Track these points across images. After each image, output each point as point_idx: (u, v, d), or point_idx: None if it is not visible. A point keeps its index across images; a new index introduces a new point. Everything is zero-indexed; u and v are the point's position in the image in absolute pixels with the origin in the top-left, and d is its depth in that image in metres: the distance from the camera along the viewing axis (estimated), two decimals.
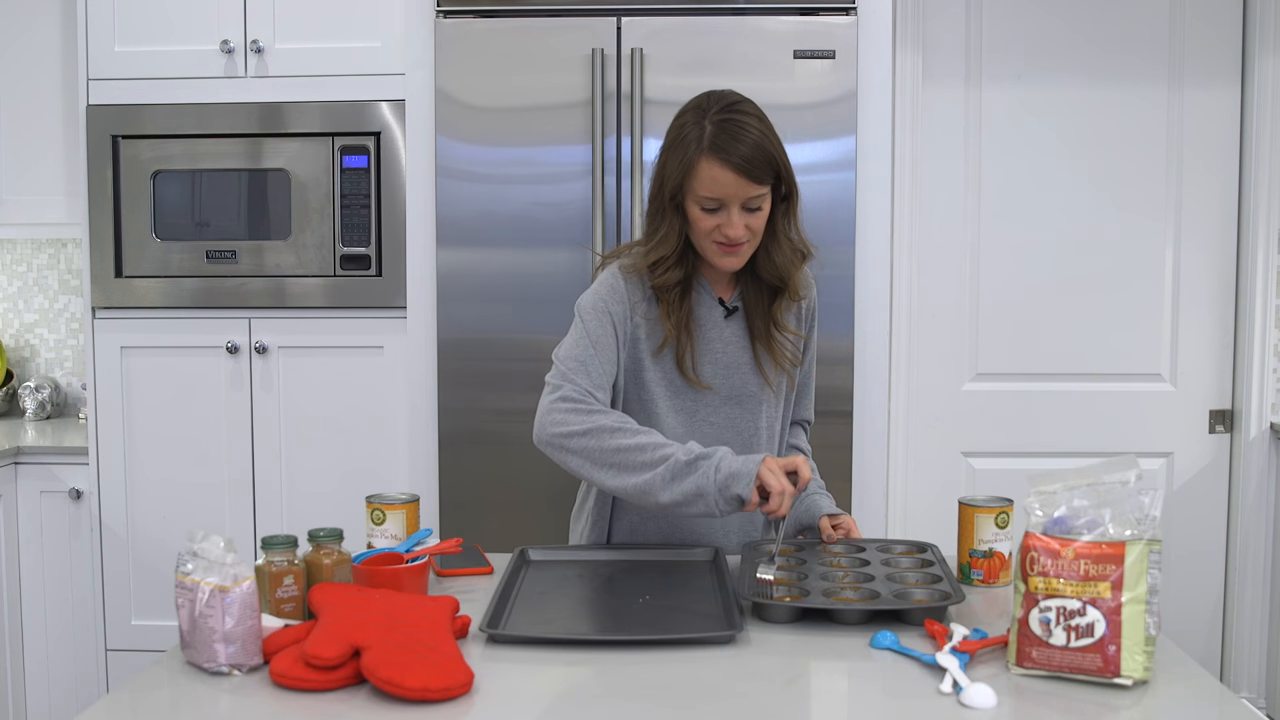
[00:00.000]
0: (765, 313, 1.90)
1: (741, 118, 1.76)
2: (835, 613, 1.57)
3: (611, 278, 1.88)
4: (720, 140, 1.73)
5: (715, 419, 1.91)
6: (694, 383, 1.88)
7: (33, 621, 3.07)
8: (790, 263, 1.87)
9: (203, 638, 1.39)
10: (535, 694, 1.35)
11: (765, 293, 1.90)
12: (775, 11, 2.76)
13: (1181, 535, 3.32)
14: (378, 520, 1.85)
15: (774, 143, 1.77)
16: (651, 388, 1.88)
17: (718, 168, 1.73)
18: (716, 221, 1.77)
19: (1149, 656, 1.34)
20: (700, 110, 1.78)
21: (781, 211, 1.84)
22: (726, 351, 1.90)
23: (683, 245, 1.83)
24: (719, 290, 1.91)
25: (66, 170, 3.20)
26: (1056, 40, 3.27)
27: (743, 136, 1.73)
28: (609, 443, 1.73)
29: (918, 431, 3.36)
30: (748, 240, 1.80)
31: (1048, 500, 1.41)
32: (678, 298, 1.85)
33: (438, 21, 2.80)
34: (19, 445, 3.04)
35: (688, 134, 1.76)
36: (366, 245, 2.93)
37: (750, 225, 1.78)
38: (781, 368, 1.93)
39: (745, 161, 1.73)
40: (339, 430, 2.99)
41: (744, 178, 1.73)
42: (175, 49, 2.95)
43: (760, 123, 1.77)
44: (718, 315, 1.90)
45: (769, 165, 1.75)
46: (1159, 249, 3.30)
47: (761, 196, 1.77)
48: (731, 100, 1.79)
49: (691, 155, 1.75)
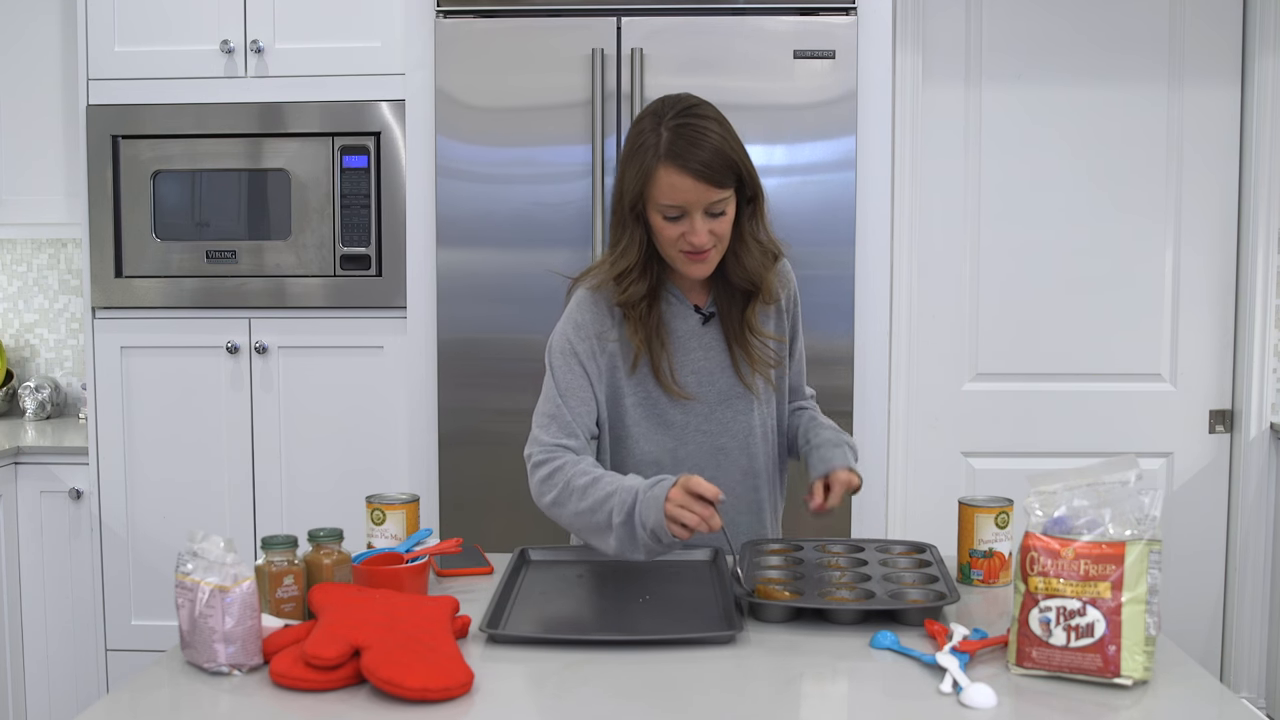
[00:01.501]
0: (740, 317, 1.86)
1: (699, 122, 1.71)
2: (832, 613, 1.57)
3: (576, 311, 1.86)
4: (677, 146, 1.69)
5: (707, 427, 1.89)
6: (676, 394, 1.85)
7: (33, 621, 3.07)
8: (761, 265, 1.82)
9: (203, 638, 1.39)
10: (535, 694, 1.35)
11: (738, 296, 1.86)
12: (775, 11, 2.76)
13: (1181, 535, 3.32)
14: (378, 520, 1.85)
15: (733, 145, 1.72)
16: (636, 409, 1.86)
17: (676, 175, 1.69)
18: (680, 229, 1.73)
19: (1149, 656, 1.34)
20: (656, 116, 1.73)
21: (748, 214, 1.80)
22: (708, 358, 1.88)
23: (646, 256, 1.79)
24: (693, 297, 1.88)
25: (66, 170, 3.20)
26: (1056, 40, 3.27)
27: (700, 141, 1.69)
28: (570, 509, 1.74)
29: (918, 431, 3.36)
30: (714, 246, 1.76)
31: (1048, 500, 1.41)
32: (645, 310, 1.82)
33: (438, 21, 2.80)
34: (19, 445, 3.05)
35: (645, 141, 1.72)
36: (366, 245, 2.93)
37: (715, 230, 1.74)
38: (760, 370, 1.89)
39: (704, 166, 1.68)
40: (339, 430, 2.99)
41: (704, 183, 1.69)
42: (175, 49, 2.95)
43: (719, 125, 1.72)
44: (694, 323, 1.87)
45: (729, 169, 1.71)
46: (1159, 249, 3.30)
47: (724, 201, 1.73)
48: (688, 104, 1.74)
49: (649, 163, 1.71)
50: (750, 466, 1.92)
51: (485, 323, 2.82)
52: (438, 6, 2.80)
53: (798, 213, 2.75)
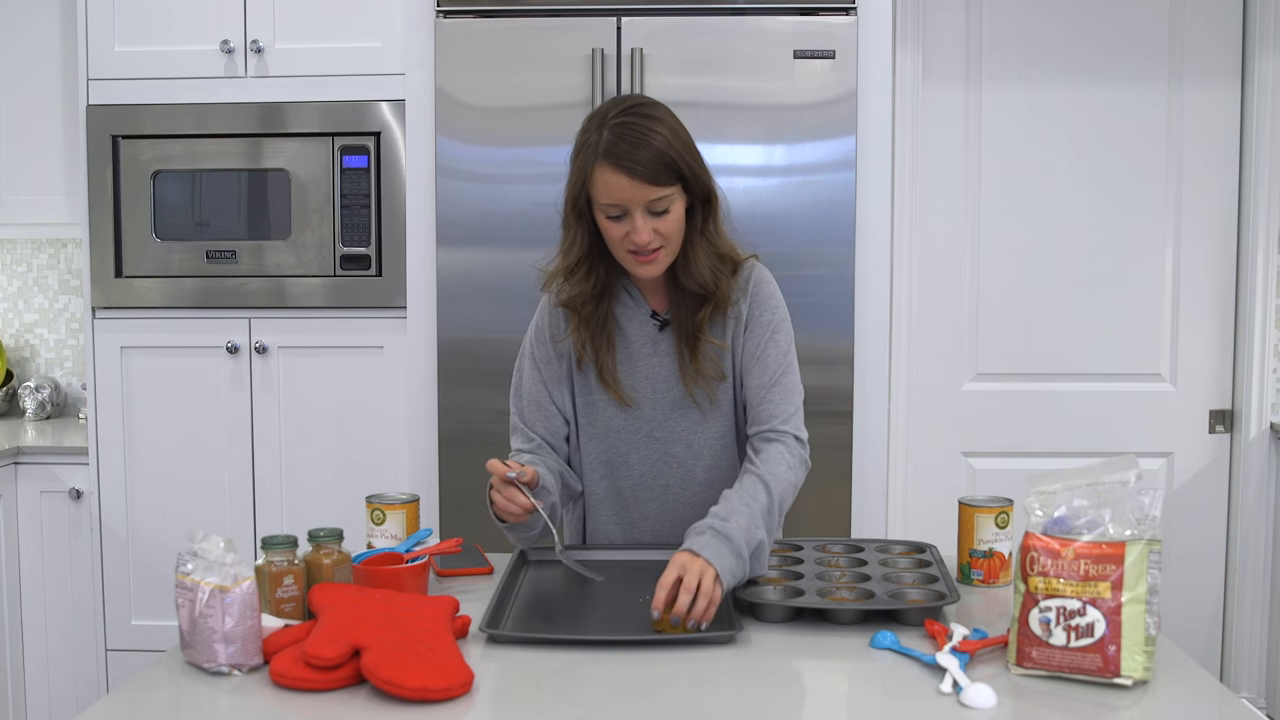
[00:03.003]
0: (691, 323, 1.82)
1: (638, 120, 1.70)
2: (831, 613, 1.57)
3: (538, 315, 1.93)
4: (614, 145, 1.68)
5: (660, 434, 1.88)
6: (619, 398, 1.85)
7: (33, 621, 3.07)
8: (712, 270, 1.79)
9: (203, 638, 1.39)
10: (535, 694, 1.35)
11: (694, 302, 1.82)
12: (775, 11, 2.76)
13: (1181, 535, 3.32)
14: (378, 520, 1.85)
15: (675, 144, 1.70)
16: (587, 408, 1.90)
17: (610, 173, 1.68)
18: (624, 229, 1.72)
19: (1149, 656, 1.34)
20: (600, 117, 1.73)
21: (702, 216, 1.78)
22: (660, 365, 1.86)
23: (590, 255, 1.79)
24: (654, 303, 1.87)
25: (66, 170, 3.20)
26: (1056, 40, 3.27)
27: (637, 140, 1.68)
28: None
29: (918, 431, 3.36)
30: (660, 246, 1.74)
31: (1048, 500, 1.41)
32: (590, 310, 1.83)
33: (438, 21, 2.80)
34: (19, 445, 3.05)
35: (588, 139, 1.72)
36: (366, 245, 2.93)
37: (660, 229, 1.71)
38: (703, 382, 1.84)
39: (638, 164, 1.67)
40: (339, 430, 2.99)
41: (639, 180, 1.68)
42: (175, 49, 2.95)
43: (660, 124, 1.71)
44: (650, 329, 1.86)
45: (666, 167, 1.69)
46: (1159, 249, 3.30)
47: (665, 199, 1.70)
48: (632, 104, 1.74)
49: (588, 162, 1.71)
50: (709, 478, 1.89)
51: (485, 323, 2.82)
52: (438, 6, 2.80)
53: (798, 213, 2.75)
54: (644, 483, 1.91)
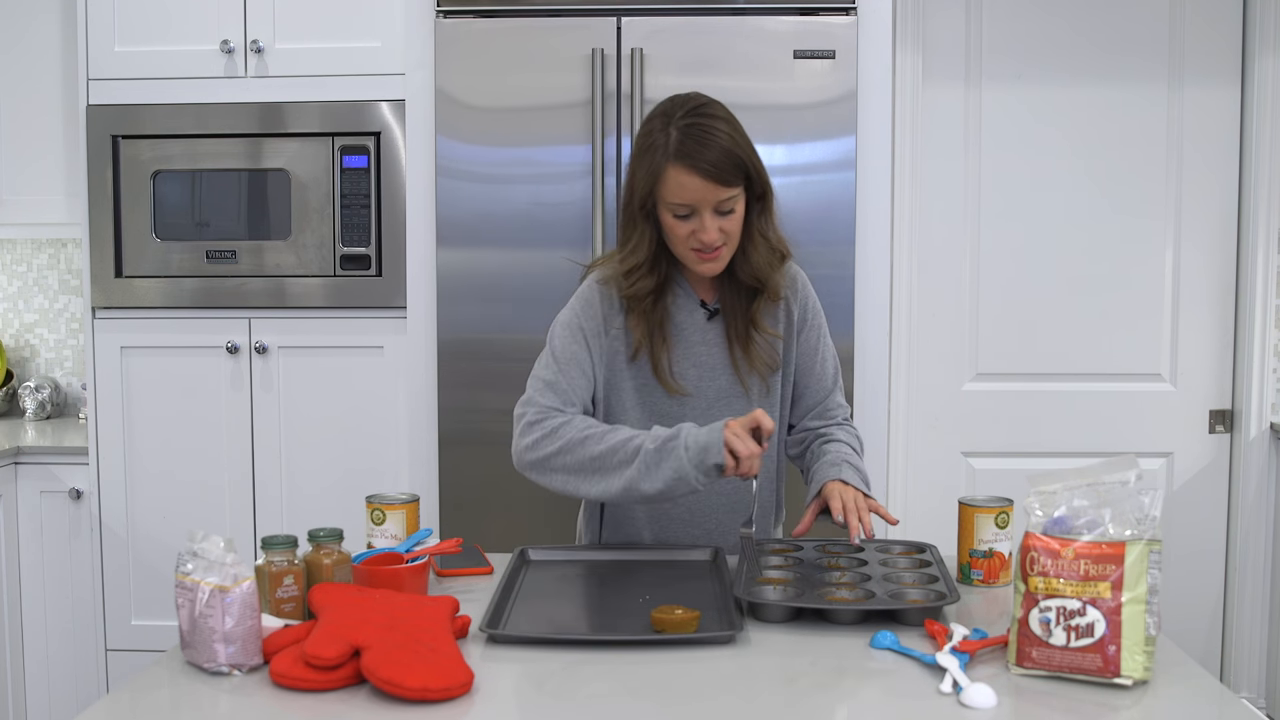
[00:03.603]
0: (744, 314, 1.88)
1: (707, 121, 1.74)
2: (832, 613, 1.57)
3: (587, 291, 1.89)
4: (686, 146, 1.72)
5: (702, 422, 1.88)
6: (672, 389, 1.87)
7: (33, 621, 3.07)
8: (768, 263, 1.84)
9: (203, 638, 1.39)
10: (535, 694, 1.35)
11: (744, 294, 1.88)
12: (775, 11, 2.76)
13: (1181, 535, 3.32)
14: (378, 520, 1.85)
15: (742, 144, 1.75)
16: (630, 397, 1.88)
17: (684, 174, 1.72)
18: (690, 228, 1.76)
19: (1149, 656, 1.34)
20: (666, 116, 1.76)
21: (757, 211, 1.82)
22: (709, 354, 1.89)
23: (655, 253, 1.82)
24: (701, 292, 1.90)
25: (66, 170, 3.20)
26: (1056, 40, 3.27)
27: (709, 141, 1.72)
28: (582, 454, 1.75)
29: (918, 431, 3.36)
30: (724, 244, 1.78)
31: (1048, 500, 1.41)
32: (650, 304, 1.85)
33: (438, 21, 2.80)
34: (19, 445, 3.05)
35: (655, 141, 1.75)
36: (366, 245, 2.93)
37: (725, 228, 1.76)
38: (759, 370, 1.90)
39: (712, 166, 1.71)
40: (339, 430, 2.99)
41: (712, 182, 1.72)
42: (175, 49, 2.95)
43: (728, 125, 1.75)
44: (700, 318, 1.89)
45: (737, 168, 1.73)
46: (1159, 249, 3.30)
47: (733, 199, 1.75)
48: (697, 104, 1.77)
49: (659, 162, 1.73)
50: None
51: (485, 323, 2.82)
52: (438, 6, 2.80)
53: (798, 213, 2.74)
54: None
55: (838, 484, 1.81)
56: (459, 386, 2.84)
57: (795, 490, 2.04)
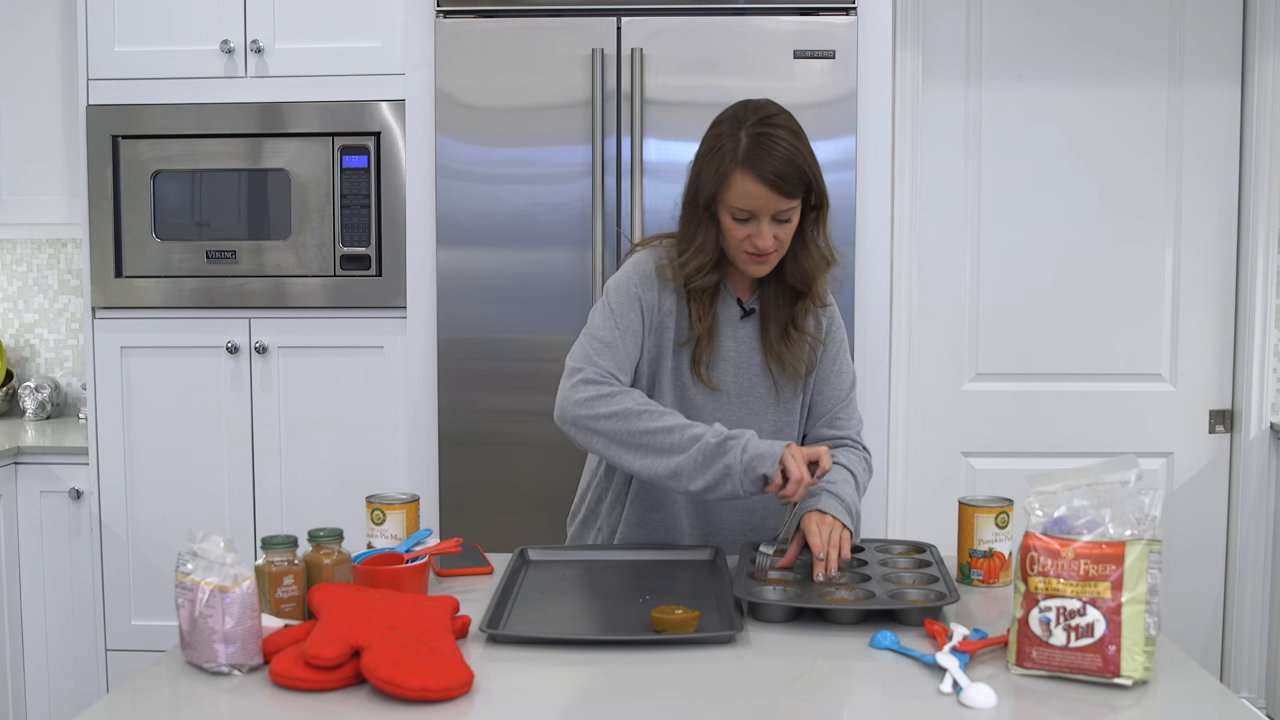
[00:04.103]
0: (783, 316, 1.91)
1: (776, 131, 1.77)
2: (832, 613, 1.57)
3: (644, 263, 1.90)
4: (754, 154, 1.75)
5: (721, 416, 1.91)
6: (705, 383, 1.90)
7: (33, 621, 3.07)
8: (817, 269, 1.88)
9: (203, 638, 1.39)
10: (535, 694, 1.35)
11: (786, 296, 1.91)
12: (775, 11, 2.76)
13: (1181, 535, 3.32)
14: (378, 520, 1.85)
15: (807, 157, 1.79)
16: (664, 380, 1.90)
17: (751, 181, 1.75)
18: (747, 231, 1.79)
19: (1149, 656, 1.34)
20: (736, 121, 1.80)
21: (811, 220, 1.86)
22: (739, 351, 1.92)
23: (719, 252, 1.85)
24: (739, 290, 1.93)
25: (66, 170, 3.20)
26: (1056, 40, 3.27)
27: (776, 151, 1.75)
28: (636, 425, 1.75)
29: (918, 431, 3.36)
30: (776, 250, 1.82)
31: (1048, 500, 1.41)
32: (709, 301, 1.88)
33: (438, 21, 2.80)
34: (19, 445, 3.04)
35: (723, 145, 1.78)
36: (366, 245, 2.93)
37: (779, 235, 1.80)
38: (792, 371, 1.92)
39: (778, 176, 1.75)
40: (339, 430, 2.99)
41: (776, 192, 1.75)
42: (175, 49, 2.95)
43: (794, 136, 1.79)
44: (734, 315, 1.92)
45: (801, 180, 1.77)
46: (1159, 249, 3.30)
47: (792, 209, 1.79)
48: (768, 113, 1.81)
49: (726, 167, 1.77)
50: None
51: (485, 323, 2.82)
52: (438, 6, 2.80)
53: None
54: None
55: (815, 515, 1.76)
56: (459, 386, 2.84)
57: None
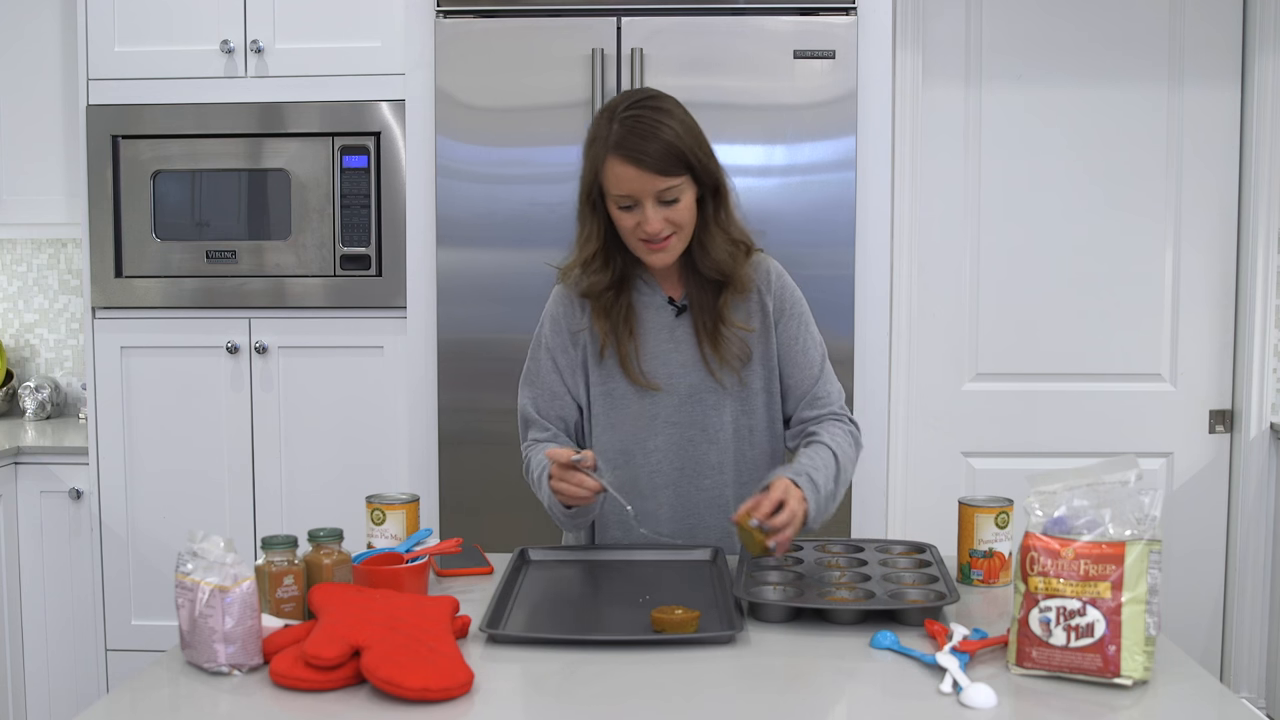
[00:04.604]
0: (712, 308, 1.87)
1: (647, 113, 1.76)
2: (832, 613, 1.57)
3: (553, 305, 1.95)
4: (624, 138, 1.74)
5: (676, 418, 1.90)
6: (643, 384, 1.89)
7: (33, 621, 3.07)
8: (729, 256, 1.84)
9: (203, 638, 1.39)
10: (535, 694, 1.35)
11: (711, 288, 1.88)
12: (775, 11, 2.76)
13: (1181, 535, 3.32)
14: (378, 520, 1.85)
15: (684, 135, 1.75)
16: (600, 399, 1.91)
17: (620, 164, 1.74)
18: (636, 219, 1.77)
19: (1149, 656, 1.34)
20: (610, 111, 1.79)
21: (712, 205, 1.83)
22: (679, 350, 1.90)
23: (606, 245, 1.84)
24: (669, 289, 1.91)
25: (66, 170, 3.20)
26: (1057, 40, 3.27)
27: (646, 132, 1.74)
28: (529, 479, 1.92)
29: (918, 431, 3.36)
30: (672, 234, 1.79)
31: (1048, 500, 1.41)
32: (611, 299, 1.87)
33: (438, 21, 2.80)
34: (19, 445, 3.04)
35: (598, 134, 1.79)
36: (366, 245, 2.93)
37: (671, 219, 1.77)
38: (728, 365, 1.88)
39: (647, 156, 1.73)
40: (339, 430, 2.99)
41: (648, 171, 1.73)
42: (175, 49, 2.95)
43: (668, 116, 1.76)
44: (668, 315, 1.90)
45: (674, 157, 1.74)
46: (1159, 248, 3.30)
47: (675, 189, 1.76)
48: (641, 97, 1.80)
49: (599, 154, 1.77)
50: (719, 462, 1.92)
51: (485, 323, 2.82)
52: (438, 6, 2.80)
53: (798, 213, 2.75)
54: (661, 468, 1.92)
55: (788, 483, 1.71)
56: (459, 386, 2.84)
57: None
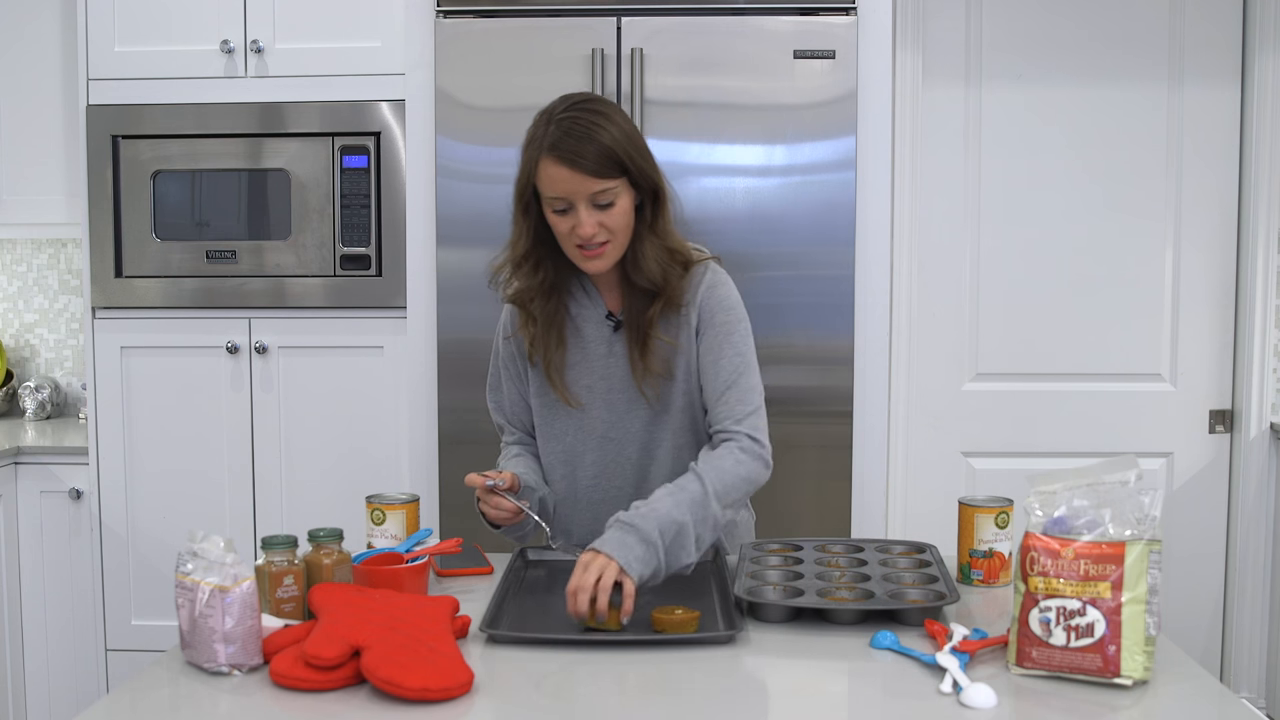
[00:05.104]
0: (641, 321, 1.82)
1: (583, 115, 1.73)
2: (831, 613, 1.57)
3: (505, 312, 1.95)
4: (559, 140, 1.71)
5: (614, 435, 1.88)
6: (564, 398, 1.86)
7: (33, 621, 3.07)
8: (663, 267, 1.79)
9: (203, 638, 1.39)
10: (535, 694, 1.35)
11: (644, 300, 1.82)
12: (775, 11, 2.76)
13: (1181, 535, 3.32)
14: (378, 520, 1.85)
15: (619, 138, 1.72)
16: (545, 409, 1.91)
17: (553, 165, 1.71)
18: (570, 222, 1.74)
19: (1149, 656, 1.34)
20: (548, 113, 1.76)
21: (650, 213, 1.79)
22: (616, 365, 1.86)
23: (534, 247, 1.81)
24: (610, 304, 1.87)
25: (66, 170, 3.20)
26: (1057, 39, 3.27)
27: (581, 134, 1.71)
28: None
29: (918, 431, 3.36)
30: (607, 240, 1.75)
31: (1048, 500, 1.41)
32: (539, 307, 1.84)
33: (438, 21, 2.80)
34: (19, 445, 3.04)
35: (535, 136, 1.76)
36: (366, 245, 2.93)
37: (605, 223, 1.73)
38: (652, 377, 1.82)
39: (581, 157, 1.69)
40: (339, 430, 2.99)
41: (581, 173, 1.70)
42: (175, 49, 2.95)
43: (604, 119, 1.73)
44: (605, 331, 1.86)
45: (609, 160, 1.70)
46: (1159, 248, 3.30)
47: (608, 192, 1.72)
48: (578, 100, 1.77)
49: (534, 156, 1.74)
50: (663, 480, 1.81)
51: (485, 323, 2.78)
52: (438, 6, 2.80)
53: (798, 213, 2.75)
54: (598, 484, 1.91)
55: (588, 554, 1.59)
56: (459, 386, 2.83)
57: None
